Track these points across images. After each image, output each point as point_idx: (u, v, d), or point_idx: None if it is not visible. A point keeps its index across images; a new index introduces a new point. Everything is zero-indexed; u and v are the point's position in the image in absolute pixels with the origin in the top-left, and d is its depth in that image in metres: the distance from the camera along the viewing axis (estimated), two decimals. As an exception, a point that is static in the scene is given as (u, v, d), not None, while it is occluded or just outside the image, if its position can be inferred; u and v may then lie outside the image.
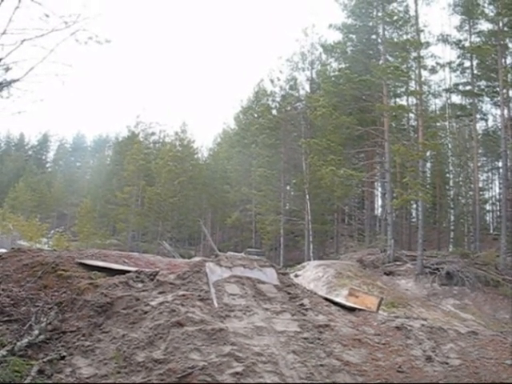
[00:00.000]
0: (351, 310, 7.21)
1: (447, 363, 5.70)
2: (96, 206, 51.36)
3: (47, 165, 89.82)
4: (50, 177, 70.86)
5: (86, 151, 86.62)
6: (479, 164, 36.34)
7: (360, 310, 7.33)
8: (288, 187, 44.32)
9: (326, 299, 7.27)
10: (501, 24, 28.25)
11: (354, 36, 36.67)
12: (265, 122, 37.37)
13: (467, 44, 31.91)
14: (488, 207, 45.54)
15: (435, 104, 41.14)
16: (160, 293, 5.96)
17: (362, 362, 5.29)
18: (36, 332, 5.01)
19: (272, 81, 39.34)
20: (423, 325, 6.82)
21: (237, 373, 4.51)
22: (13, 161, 76.72)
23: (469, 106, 34.01)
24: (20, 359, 4.56)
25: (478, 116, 34.39)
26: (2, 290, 6.06)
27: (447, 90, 36.21)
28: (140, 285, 6.30)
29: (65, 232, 36.31)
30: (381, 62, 31.79)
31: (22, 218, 38.15)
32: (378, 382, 5.07)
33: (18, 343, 4.80)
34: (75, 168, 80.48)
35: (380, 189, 39.60)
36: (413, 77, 30.41)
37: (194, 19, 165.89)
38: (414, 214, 42.46)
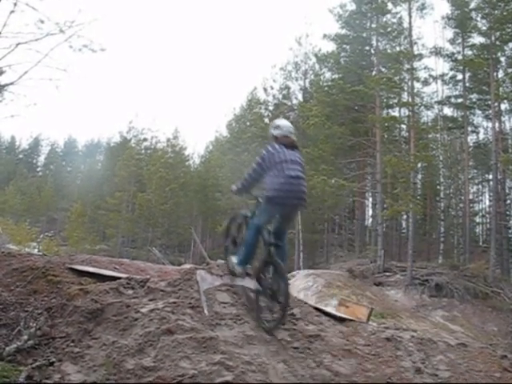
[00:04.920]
0: (341, 320, 7.21)
1: (437, 375, 5.70)
2: (86, 211, 51.09)
3: (38, 169, 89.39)
4: (41, 181, 70.45)
5: (78, 156, 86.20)
6: (470, 176, 36.51)
7: (350, 320, 7.33)
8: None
9: (317, 309, 7.26)
10: (493, 38, 28.59)
11: (347, 47, 36.94)
12: (257, 131, 37.40)
13: (460, 57, 32.21)
14: (478, 219, 45.71)
15: (427, 116, 41.37)
16: (150, 300, 5.93)
17: (352, 372, 5.28)
18: (25, 337, 4.97)
19: (265, 89, 39.49)
20: (413, 336, 6.82)
21: (227, 382, 4.49)
22: (3, 164, 76.27)
23: (460, 119, 34.27)
24: (8, 364, 4.52)
25: (469, 129, 34.66)
26: (-9, 294, 6.03)
27: (439, 102, 36.44)
28: (130, 291, 6.27)
29: (54, 237, 36.05)
30: (374, 73, 32.05)
31: (11, 221, 37.91)
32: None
33: (7, 348, 4.76)
34: (66, 172, 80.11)
35: (371, 199, 39.77)
36: (405, 88, 30.67)
37: (188, 26, 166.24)
38: (404, 225, 42.55)
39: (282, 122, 6.62)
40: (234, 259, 6.34)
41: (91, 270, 7.18)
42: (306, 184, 6.01)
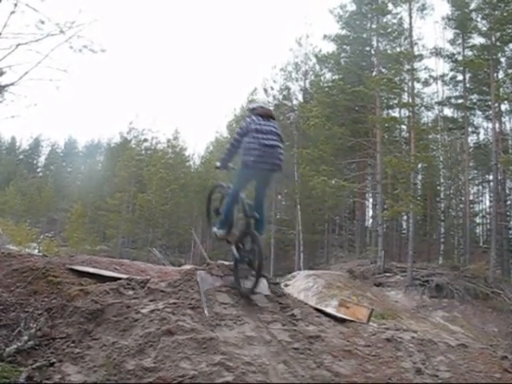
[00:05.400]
0: (342, 320, 7.20)
1: (437, 376, 5.70)
2: (86, 211, 51.00)
3: (38, 169, 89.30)
4: (41, 181, 70.35)
5: (78, 156, 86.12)
6: (470, 177, 36.50)
7: (351, 321, 7.33)
8: (279, 197, 44.35)
9: (317, 310, 7.26)
10: (493, 38, 28.58)
11: (347, 47, 36.92)
12: (257, 131, 37.38)
13: (460, 58, 32.21)
14: (478, 220, 45.71)
15: (427, 116, 41.37)
16: (151, 300, 5.93)
17: (352, 373, 5.28)
18: (25, 338, 4.97)
19: (266, 90, 39.46)
20: (413, 337, 6.81)
21: (227, 382, 4.49)
22: (3, 165, 76.21)
23: (461, 120, 34.26)
24: (9, 365, 4.52)
25: (469, 129, 34.65)
26: (-9, 295, 6.03)
27: (439, 103, 36.45)
28: (131, 292, 6.26)
29: (55, 237, 36.06)
30: (374, 73, 32.06)
31: (11, 222, 37.92)
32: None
33: (7, 349, 4.76)
34: (66, 173, 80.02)
35: (371, 200, 39.75)
36: (406, 89, 30.66)
37: (189, 27, 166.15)
38: (404, 226, 42.55)
39: (257, 97, 6.94)
40: (215, 228, 6.93)
41: (91, 270, 7.18)
42: (281, 151, 6.33)
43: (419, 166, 35.31)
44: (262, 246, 6.22)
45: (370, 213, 43.48)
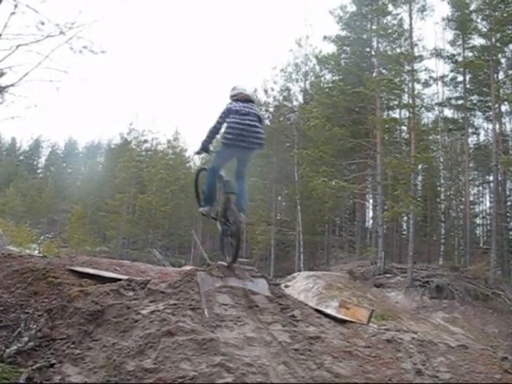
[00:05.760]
0: (342, 321, 7.20)
1: (437, 377, 5.69)
2: (87, 212, 51.06)
3: (38, 170, 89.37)
4: (41, 182, 70.42)
5: (78, 157, 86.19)
6: (470, 178, 36.50)
7: (351, 322, 7.32)
8: (279, 198, 44.38)
9: (317, 310, 7.25)
10: (493, 39, 28.58)
11: (348, 48, 36.89)
12: (258, 132, 37.38)
13: (460, 59, 32.23)
14: (478, 221, 45.73)
15: (427, 117, 41.42)
16: (151, 301, 5.92)
17: (353, 374, 5.27)
18: (25, 339, 4.96)
19: (266, 91, 39.50)
20: (414, 338, 6.81)
21: (227, 383, 4.49)
22: (4, 166, 76.29)
23: (461, 120, 34.26)
24: (9, 366, 4.51)
25: (469, 130, 34.66)
26: (-8, 296, 6.02)
27: (440, 104, 36.48)
28: (131, 293, 6.26)
29: (55, 238, 36.09)
30: (374, 74, 32.04)
31: (11, 223, 37.94)
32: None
33: (7, 350, 4.75)
34: (66, 174, 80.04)
35: (371, 201, 39.75)
36: (406, 90, 30.69)
37: (189, 28, 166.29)
38: (404, 227, 42.58)
39: (237, 83, 7.49)
40: (201, 207, 7.52)
41: (91, 271, 7.17)
42: (260, 130, 6.87)
43: (419, 166, 35.32)
44: (240, 220, 6.78)
45: (371, 214, 43.56)
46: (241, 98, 7.04)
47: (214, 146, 7.72)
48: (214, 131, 7.07)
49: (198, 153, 7.67)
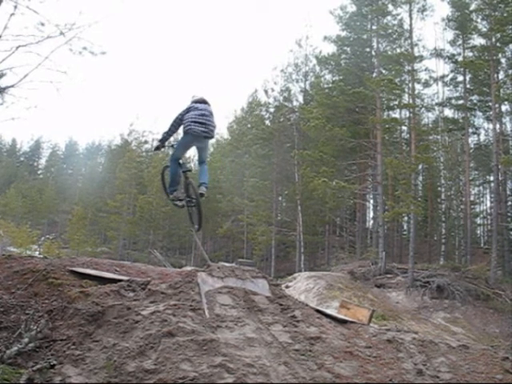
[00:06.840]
0: (342, 322, 7.20)
1: (438, 377, 5.69)
2: (87, 213, 51.04)
3: (39, 171, 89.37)
4: (42, 183, 70.42)
5: (78, 158, 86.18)
6: (471, 178, 36.47)
7: (351, 322, 7.32)
8: (280, 198, 44.33)
9: (318, 311, 7.25)
10: (493, 39, 28.55)
11: (348, 48, 36.86)
12: (258, 133, 37.45)
13: (460, 58, 32.19)
14: (479, 221, 45.72)
15: (428, 117, 41.44)
16: (151, 302, 5.92)
17: (353, 374, 5.27)
18: (26, 340, 4.96)
19: (266, 91, 39.47)
20: (414, 338, 6.81)
21: (228, 384, 4.49)
22: (4, 167, 76.31)
23: (461, 120, 34.19)
24: (9, 367, 4.51)
25: (470, 130, 34.61)
26: (-8, 297, 6.02)
27: (440, 104, 36.47)
28: (131, 294, 6.26)
29: (55, 239, 36.06)
30: (374, 74, 32.02)
31: (12, 224, 37.92)
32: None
33: (8, 351, 4.75)
34: (67, 175, 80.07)
35: (372, 201, 39.66)
36: (406, 90, 30.64)
37: (189, 28, 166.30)
38: (405, 227, 42.59)
39: (195, 93, 8.99)
40: (171, 196, 8.81)
41: (92, 272, 7.18)
42: (213, 124, 8.49)
43: (420, 167, 35.32)
44: (199, 192, 8.18)
45: (371, 214, 43.45)
46: (198, 100, 8.63)
47: (171, 141, 9.04)
48: (176, 124, 8.48)
49: (157, 148, 9.25)
